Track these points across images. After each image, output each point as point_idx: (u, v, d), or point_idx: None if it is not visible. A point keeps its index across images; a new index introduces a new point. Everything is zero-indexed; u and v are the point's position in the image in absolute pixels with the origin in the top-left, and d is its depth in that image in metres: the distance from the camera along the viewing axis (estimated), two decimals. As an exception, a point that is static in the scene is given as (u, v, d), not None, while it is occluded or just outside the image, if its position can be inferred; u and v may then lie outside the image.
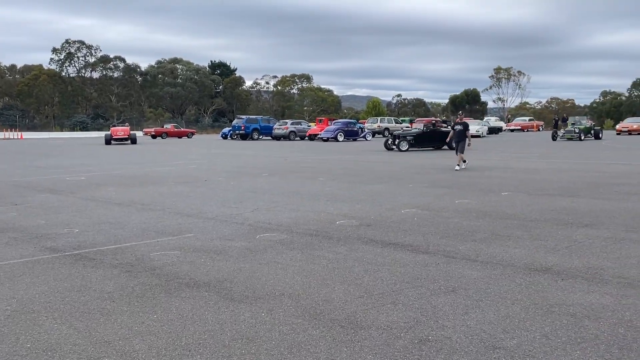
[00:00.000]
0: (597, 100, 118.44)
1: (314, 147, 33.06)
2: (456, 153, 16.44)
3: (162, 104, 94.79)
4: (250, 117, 48.67)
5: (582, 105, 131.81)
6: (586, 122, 37.19)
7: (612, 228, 7.27)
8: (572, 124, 37.99)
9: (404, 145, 26.47)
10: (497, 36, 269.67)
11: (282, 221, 8.15)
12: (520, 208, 9.02)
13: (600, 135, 36.38)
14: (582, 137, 34.22)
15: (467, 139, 16.15)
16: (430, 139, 27.06)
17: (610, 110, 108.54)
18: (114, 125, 51.36)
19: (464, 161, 16.25)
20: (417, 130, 28.05)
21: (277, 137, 43.94)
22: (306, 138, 44.44)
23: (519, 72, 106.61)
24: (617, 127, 44.24)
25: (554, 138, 34.97)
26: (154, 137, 47.05)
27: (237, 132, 45.58)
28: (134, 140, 39.78)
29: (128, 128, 43.00)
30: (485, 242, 6.61)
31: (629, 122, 44.72)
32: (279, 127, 44.32)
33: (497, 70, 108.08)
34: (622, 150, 25.16)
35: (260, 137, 45.26)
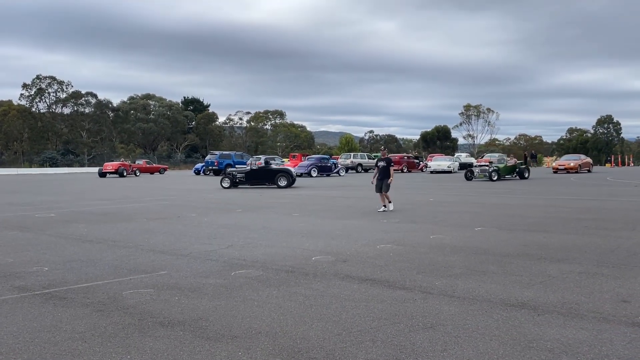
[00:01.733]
0: (564, 137, 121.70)
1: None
2: (378, 192, 14.86)
3: (133, 140, 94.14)
4: (224, 152, 48.61)
5: (549, 141, 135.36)
6: (507, 160, 33.00)
7: (585, 263, 7.39)
8: (490, 162, 33.90)
9: (237, 183, 27.17)
10: (467, 74, 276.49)
11: (257, 258, 8.08)
12: (494, 243, 9.12)
13: (527, 174, 32.71)
14: (495, 178, 30.34)
15: (390, 177, 14.79)
16: (261, 177, 27.30)
17: (577, 147, 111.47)
18: (122, 160, 52.82)
19: (390, 202, 14.83)
20: (247, 168, 28.52)
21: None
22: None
23: (488, 109, 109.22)
24: (554, 164, 41.37)
25: (468, 178, 31.55)
26: (103, 174, 45.42)
27: (211, 167, 45.40)
28: (121, 174, 44.49)
29: (118, 163, 46.38)
30: (461, 278, 6.64)
31: (566, 160, 42.23)
32: (254, 162, 44.22)
33: (467, 107, 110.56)
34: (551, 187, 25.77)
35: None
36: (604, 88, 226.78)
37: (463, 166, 50.97)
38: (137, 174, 47.87)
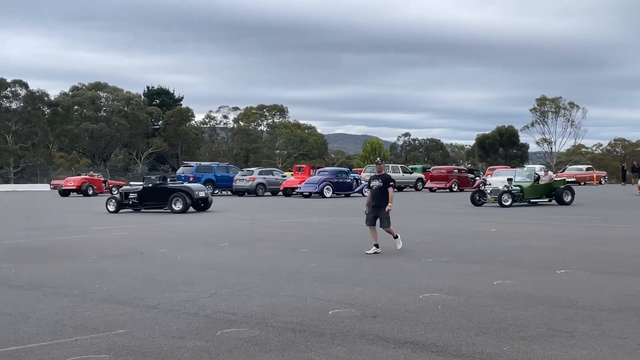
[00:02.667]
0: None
1: (292, 205, 33.11)
2: (371, 225, 13.79)
3: (78, 146, 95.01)
4: (202, 163, 48.98)
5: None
6: (541, 176, 31.03)
7: None
8: (509, 178, 31.10)
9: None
10: (542, 55, 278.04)
11: (252, 311, 8.07)
12: (585, 292, 9.05)
13: (569, 198, 30.00)
14: (509, 203, 28.71)
15: (389, 203, 13.56)
16: (154, 197, 27.77)
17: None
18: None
19: (396, 236, 13.81)
20: (140, 186, 28.79)
21: (240, 192, 44.11)
22: (280, 193, 44.68)
23: (571, 104, 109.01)
24: None
25: (475, 203, 30.08)
26: (64, 193, 46.56)
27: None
28: (85, 193, 45.75)
29: (82, 178, 49.12)
30: (539, 341, 6.60)
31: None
32: (242, 178, 44.55)
33: (541, 101, 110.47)
34: None
35: (217, 191, 45.34)
36: None
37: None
38: (114, 192, 48.27)
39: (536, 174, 31.51)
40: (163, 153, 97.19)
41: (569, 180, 59.83)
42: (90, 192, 46.76)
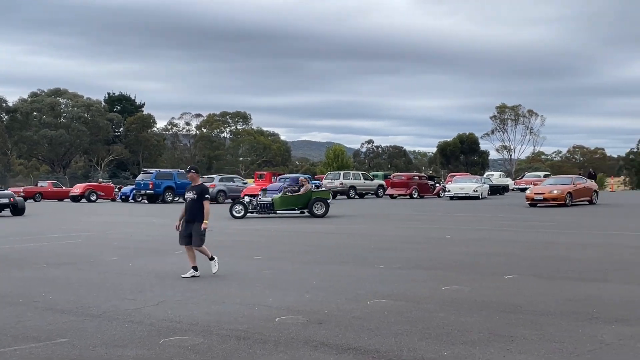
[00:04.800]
0: (635, 150, 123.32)
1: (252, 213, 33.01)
2: (185, 244, 11.87)
3: (37, 153, 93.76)
4: (162, 171, 48.66)
5: (614, 156, 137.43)
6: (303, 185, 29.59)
7: (651, 324, 7.45)
8: (263, 189, 31.02)
9: None
10: (505, 64, 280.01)
11: (197, 318, 8.04)
12: (529, 297, 9.17)
13: (321, 210, 28.24)
14: (266, 212, 28.23)
15: (204, 219, 11.69)
16: None
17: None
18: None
19: (212, 258, 11.85)
20: None
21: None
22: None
23: (530, 111, 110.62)
24: (528, 192, 35.22)
25: (235, 214, 27.85)
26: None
27: (143, 191, 45.30)
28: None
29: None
30: (480, 345, 6.66)
31: (548, 185, 35.92)
32: (203, 185, 44.25)
33: (502, 108, 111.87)
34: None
35: (176, 198, 45.04)
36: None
37: (496, 190, 51.46)
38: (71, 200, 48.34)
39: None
40: (124, 160, 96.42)
41: (527, 187, 60.78)
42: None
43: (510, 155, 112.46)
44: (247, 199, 29.19)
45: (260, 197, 30.02)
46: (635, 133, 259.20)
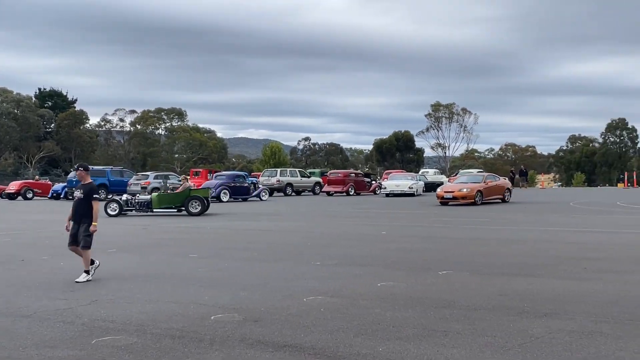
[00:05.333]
0: (564, 148, 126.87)
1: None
2: (72, 245, 11.23)
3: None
4: (96, 168, 47.75)
5: (545, 153, 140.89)
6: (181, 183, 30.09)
7: (579, 318, 7.67)
8: (142, 187, 31.09)
9: None
10: (441, 63, 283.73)
11: (131, 317, 7.94)
12: (462, 292, 9.33)
13: (197, 209, 27.75)
14: (144, 211, 27.99)
15: (92, 220, 11.08)
16: None
17: (580, 161, 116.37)
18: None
19: (91, 264, 11.06)
20: None
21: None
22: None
23: (463, 109, 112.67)
24: (439, 191, 35.07)
25: (109, 213, 27.25)
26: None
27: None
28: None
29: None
30: (414, 341, 6.75)
31: (459, 183, 35.82)
32: (137, 183, 43.69)
33: (436, 107, 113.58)
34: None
35: (110, 196, 44.30)
36: (617, 83, 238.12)
37: (431, 187, 52.14)
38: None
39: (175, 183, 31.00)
40: (56, 157, 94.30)
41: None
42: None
43: (445, 153, 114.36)
44: (125, 196, 28.89)
45: (138, 195, 29.71)
46: (565, 131, 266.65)
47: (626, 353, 6.23)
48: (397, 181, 46.85)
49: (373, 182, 54.10)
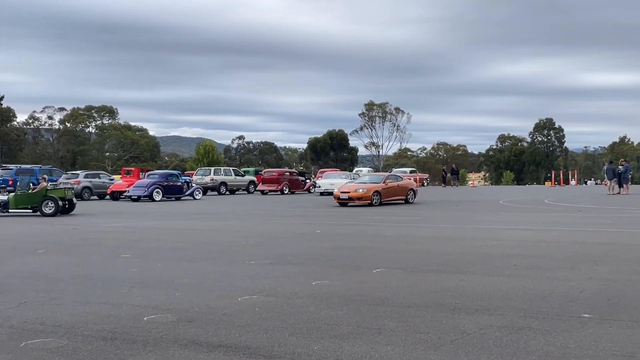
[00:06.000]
0: (494, 147, 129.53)
1: (119, 209, 32.31)
2: None
3: None
4: (23, 166, 46.69)
5: (475, 152, 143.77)
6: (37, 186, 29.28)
7: (509, 314, 7.84)
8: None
9: None
10: (375, 62, 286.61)
11: (62, 320, 7.77)
12: (396, 290, 9.42)
13: (50, 210, 27.11)
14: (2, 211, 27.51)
15: None
16: None
17: (510, 160, 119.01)
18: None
19: None
20: None
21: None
22: (107, 197, 43.46)
23: (397, 109, 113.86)
24: (336, 191, 34.19)
25: None
26: None
27: (2, 187, 43.26)
28: None
29: None
30: (348, 339, 6.79)
31: (358, 183, 34.82)
32: (66, 182, 42.82)
33: (370, 106, 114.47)
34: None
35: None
36: (545, 84, 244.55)
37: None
38: None
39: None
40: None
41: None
42: None
43: (379, 152, 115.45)
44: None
45: None
46: (495, 131, 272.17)
47: (554, 347, 6.40)
48: (331, 180, 47.08)
49: (307, 180, 54.28)
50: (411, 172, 68.85)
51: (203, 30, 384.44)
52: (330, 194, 44.60)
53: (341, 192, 32.97)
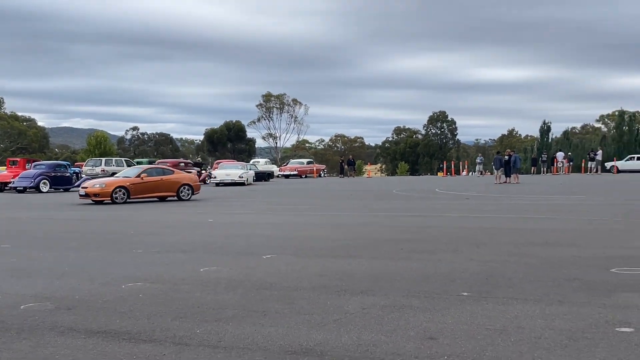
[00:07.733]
0: (390, 139, 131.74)
1: (3, 200, 31.21)
2: None
3: None
4: None
5: (372, 144, 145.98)
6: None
7: (392, 294, 8.01)
8: None
9: None
10: (275, 54, 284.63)
11: None
12: (284, 274, 9.47)
13: None
14: None
15: None
16: None
17: (405, 152, 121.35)
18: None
19: None
20: None
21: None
22: (-9, 188, 41.83)
23: (294, 100, 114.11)
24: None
25: None
26: None
27: None
28: None
29: None
30: (232, 322, 6.78)
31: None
32: None
33: (267, 97, 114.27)
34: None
35: None
36: (439, 78, 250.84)
37: (261, 176, 52.54)
38: None
39: None
40: None
41: (291, 173, 62.65)
42: None
43: (276, 143, 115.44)
44: None
45: None
46: (390, 123, 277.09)
47: (432, 324, 6.58)
48: (227, 170, 46.81)
49: (203, 171, 53.71)
50: (308, 163, 69.43)
51: (97, 19, 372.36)
52: (227, 184, 44.42)
53: (81, 188, 29.24)
